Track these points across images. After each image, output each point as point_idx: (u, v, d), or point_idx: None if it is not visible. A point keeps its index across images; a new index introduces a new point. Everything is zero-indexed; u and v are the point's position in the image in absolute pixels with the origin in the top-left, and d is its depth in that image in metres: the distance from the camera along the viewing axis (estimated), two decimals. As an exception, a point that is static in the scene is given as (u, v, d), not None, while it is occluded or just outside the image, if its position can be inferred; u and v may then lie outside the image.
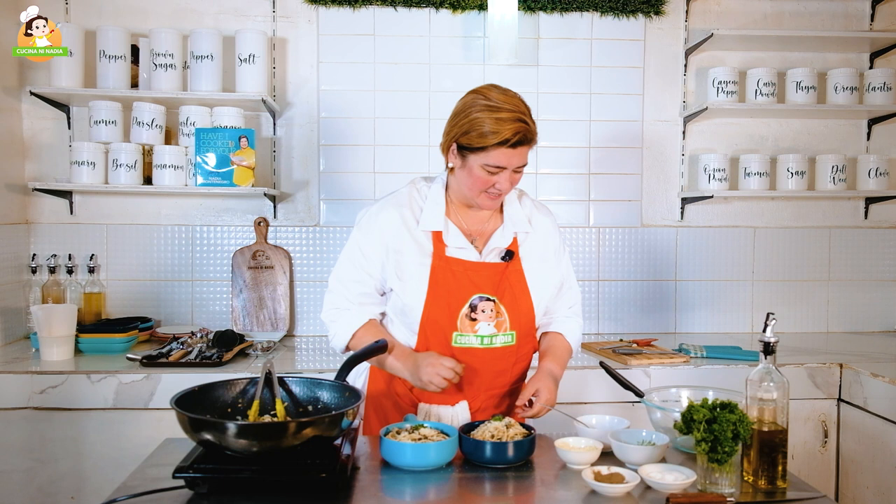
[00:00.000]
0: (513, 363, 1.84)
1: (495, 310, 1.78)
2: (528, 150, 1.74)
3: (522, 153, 1.72)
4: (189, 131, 2.89)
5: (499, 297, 1.79)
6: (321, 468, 1.38)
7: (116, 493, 1.39)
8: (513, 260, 1.82)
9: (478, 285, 1.78)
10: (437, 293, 1.77)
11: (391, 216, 1.82)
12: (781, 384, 1.46)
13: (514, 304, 1.80)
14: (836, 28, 3.26)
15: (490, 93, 1.73)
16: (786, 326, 3.28)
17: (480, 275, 1.79)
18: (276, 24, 3.10)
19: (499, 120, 1.68)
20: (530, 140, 1.72)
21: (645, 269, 3.27)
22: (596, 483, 1.41)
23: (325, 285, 3.16)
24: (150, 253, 3.09)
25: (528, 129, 1.70)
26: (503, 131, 1.68)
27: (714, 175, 3.09)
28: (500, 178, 1.73)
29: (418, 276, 1.78)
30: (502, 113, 1.69)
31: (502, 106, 1.70)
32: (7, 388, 2.38)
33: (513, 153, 1.70)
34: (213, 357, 2.56)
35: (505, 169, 1.72)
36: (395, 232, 1.81)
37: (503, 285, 1.80)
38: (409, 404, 1.86)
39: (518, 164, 1.73)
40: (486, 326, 1.78)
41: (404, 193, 1.87)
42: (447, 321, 1.77)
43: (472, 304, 1.77)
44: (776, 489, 1.44)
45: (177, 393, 1.48)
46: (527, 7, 3.12)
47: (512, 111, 1.69)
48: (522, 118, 1.70)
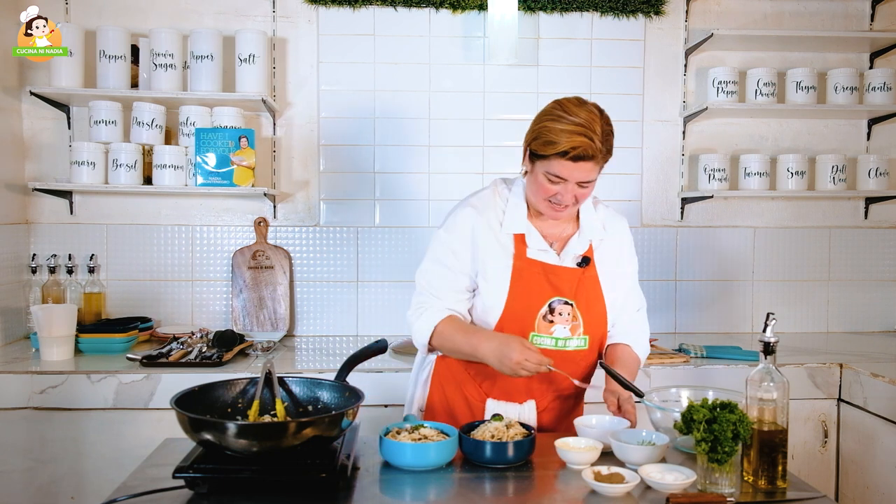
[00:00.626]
0: (582, 367, 1.85)
1: (572, 313, 1.80)
2: (593, 166, 1.71)
3: (584, 168, 1.70)
4: (189, 131, 2.89)
5: (576, 302, 1.80)
6: (321, 468, 1.38)
7: (116, 493, 1.39)
8: (588, 266, 1.83)
9: (557, 288, 1.80)
10: (518, 293, 1.79)
11: (476, 217, 1.84)
12: (781, 384, 1.46)
13: (589, 309, 1.82)
14: (836, 28, 3.26)
15: (567, 103, 1.72)
16: (786, 326, 3.28)
17: (560, 278, 1.81)
18: (276, 24, 3.10)
19: (563, 131, 1.67)
20: (591, 156, 1.68)
21: (645, 269, 3.23)
22: (596, 483, 1.41)
23: (324, 285, 3.21)
24: (150, 253, 3.09)
25: (590, 145, 1.67)
26: (563, 143, 1.67)
27: (714, 175, 3.09)
28: (563, 189, 1.73)
29: (501, 277, 1.80)
30: (569, 125, 1.67)
31: (571, 118, 1.68)
32: (7, 388, 2.38)
33: (573, 166, 1.69)
34: (213, 357, 2.56)
35: (566, 181, 1.72)
36: (481, 232, 1.83)
37: (579, 290, 1.82)
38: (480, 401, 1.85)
39: (581, 179, 1.72)
40: (562, 329, 1.80)
41: (487, 195, 1.89)
42: (526, 321, 1.79)
43: (550, 306, 1.79)
44: (776, 489, 1.44)
45: (177, 393, 1.49)
46: (527, 7, 3.12)
47: (578, 125, 1.67)
48: (587, 133, 1.67)
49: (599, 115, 1.71)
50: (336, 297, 3.16)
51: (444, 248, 1.85)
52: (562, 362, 1.78)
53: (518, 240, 1.82)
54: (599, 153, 1.69)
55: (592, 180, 1.74)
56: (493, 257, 1.82)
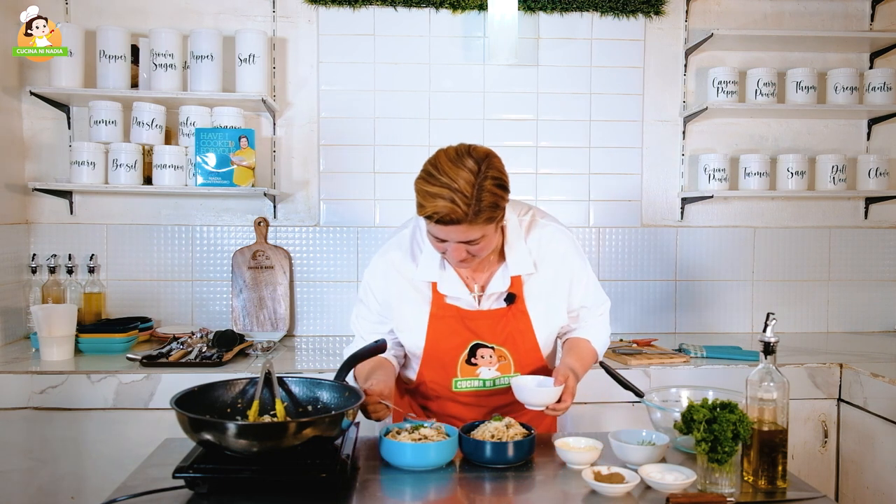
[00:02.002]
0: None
1: (496, 354, 1.77)
2: (467, 228, 1.54)
3: (457, 230, 1.55)
4: (189, 131, 2.89)
5: (500, 343, 1.76)
6: (321, 468, 1.38)
7: (116, 493, 1.39)
8: (516, 302, 1.75)
9: (476, 332, 1.76)
10: (434, 339, 1.77)
11: (393, 262, 1.79)
12: (781, 384, 1.46)
13: (518, 347, 1.78)
14: (836, 28, 3.26)
15: (443, 160, 1.57)
16: (786, 326, 3.28)
17: (478, 323, 1.76)
18: (276, 24, 3.10)
19: (427, 193, 1.54)
20: (458, 220, 1.52)
21: (645, 269, 3.27)
22: (596, 483, 1.41)
23: (324, 285, 3.21)
24: (150, 253, 3.09)
25: (452, 210, 1.51)
26: (427, 206, 1.54)
27: (714, 175, 3.09)
28: (449, 248, 1.61)
29: (418, 324, 1.77)
30: (434, 187, 1.53)
31: (439, 177, 1.53)
32: (7, 388, 2.38)
33: (445, 230, 1.55)
34: (213, 357, 2.56)
35: (447, 241, 1.59)
36: (395, 279, 1.79)
37: (506, 330, 1.76)
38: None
39: (459, 240, 1.57)
40: (488, 371, 1.77)
41: (406, 236, 1.81)
42: (448, 367, 1.78)
43: (471, 350, 1.76)
44: (776, 489, 1.44)
45: (177, 393, 1.48)
46: (527, 7, 3.12)
47: (444, 186, 1.52)
48: (451, 196, 1.51)
49: (477, 172, 1.53)
50: (336, 297, 3.16)
51: (365, 289, 1.86)
52: (500, 396, 1.78)
53: (435, 286, 1.76)
54: (465, 217, 1.52)
55: (475, 239, 1.58)
56: (411, 303, 1.77)
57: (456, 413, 1.82)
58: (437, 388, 1.82)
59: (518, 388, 1.67)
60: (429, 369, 1.80)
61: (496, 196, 1.56)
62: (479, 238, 1.59)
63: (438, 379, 1.80)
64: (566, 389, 1.66)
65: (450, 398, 1.82)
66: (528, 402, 1.65)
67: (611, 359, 2.65)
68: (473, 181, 1.53)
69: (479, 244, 1.60)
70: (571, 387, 1.67)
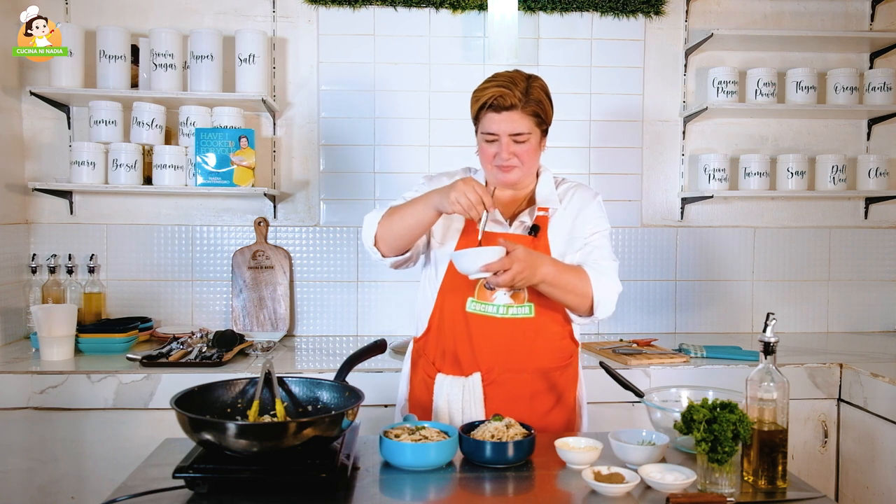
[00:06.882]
0: (532, 339, 1.84)
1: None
2: (519, 115, 1.77)
3: (510, 119, 1.77)
4: (189, 131, 2.89)
5: None
6: (321, 468, 1.38)
7: (116, 493, 1.39)
8: (539, 236, 1.86)
9: None
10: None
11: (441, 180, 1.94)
12: (781, 384, 1.46)
13: None
14: (836, 28, 3.26)
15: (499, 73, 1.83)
16: (786, 326, 3.28)
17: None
18: (276, 24, 3.10)
19: (485, 88, 1.79)
20: (512, 105, 1.75)
21: (645, 269, 3.27)
22: (596, 483, 1.41)
23: (324, 285, 3.21)
24: (150, 253, 3.09)
25: (507, 93, 1.75)
26: (484, 96, 1.78)
27: (714, 175, 3.09)
28: (499, 147, 1.80)
29: (451, 238, 1.90)
30: (490, 82, 1.79)
31: (494, 77, 1.80)
32: (7, 388, 2.38)
33: (499, 118, 1.77)
34: (212, 357, 2.56)
35: (499, 137, 1.79)
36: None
37: None
38: (431, 376, 1.89)
39: (510, 131, 1.78)
40: (503, 296, 1.83)
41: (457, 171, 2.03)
42: (465, 286, 1.83)
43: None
44: (776, 489, 1.44)
45: (177, 393, 1.49)
46: (527, 7, 3.12)
47: (499, 79, 1.79)
48: (506, 84, 1.76)
49: (527, 77, 1.81)
50: (336, 297, 3.16)
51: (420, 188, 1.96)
52: (508, 330, 1.82)
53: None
54: (520, 102, 1.76)
55: (524, 133, 1.79)
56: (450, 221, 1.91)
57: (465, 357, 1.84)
58: (450, 310, 1.85)
59: (457, 256, 1.68)
60: (449, 286, 1.86)
61: (544, 96, 1.82)
62: (526, 135, 1.79)
63: (455, 299, 1.85)
64: (511, 256, 1.64)
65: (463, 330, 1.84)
66: (465, 268, 1.65)
67: (611, 359, 2.65)
68: (525, 77, 1.81)
69: (525, 145, 1.80)
70: (520, 256, 1.65)
